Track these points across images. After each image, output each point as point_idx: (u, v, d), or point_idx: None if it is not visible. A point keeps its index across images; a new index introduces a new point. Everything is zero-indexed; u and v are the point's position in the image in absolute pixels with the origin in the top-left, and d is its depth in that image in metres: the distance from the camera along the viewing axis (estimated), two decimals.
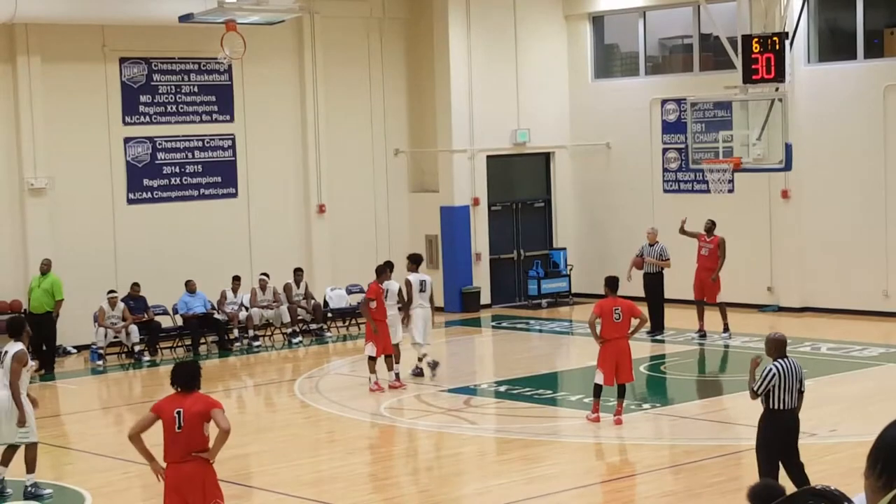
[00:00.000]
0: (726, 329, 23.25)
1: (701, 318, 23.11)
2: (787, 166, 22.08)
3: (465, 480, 15.51)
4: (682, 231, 23.85)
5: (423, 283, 20.54)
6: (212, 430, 10.55)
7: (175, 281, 24.84)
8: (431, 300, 20.68)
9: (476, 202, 28.61)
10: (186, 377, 10.65)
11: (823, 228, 25.74)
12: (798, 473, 12.18)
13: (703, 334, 23.29)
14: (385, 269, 20.42)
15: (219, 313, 24.58)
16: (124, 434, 18.78)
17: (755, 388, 12.19)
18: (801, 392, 12.31)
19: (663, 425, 17.89)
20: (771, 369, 12.17)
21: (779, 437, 12.20)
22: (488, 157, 28.72)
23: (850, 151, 25.29)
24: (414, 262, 20.87)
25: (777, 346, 12.39)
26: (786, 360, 12.31)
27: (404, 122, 28.93)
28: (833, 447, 13.27)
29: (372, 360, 19.95)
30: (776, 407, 12.18)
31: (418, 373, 20.63)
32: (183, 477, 10.51)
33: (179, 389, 10.63)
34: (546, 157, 29.86)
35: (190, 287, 24.35)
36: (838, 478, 11.83)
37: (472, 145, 28.39)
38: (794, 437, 12.31)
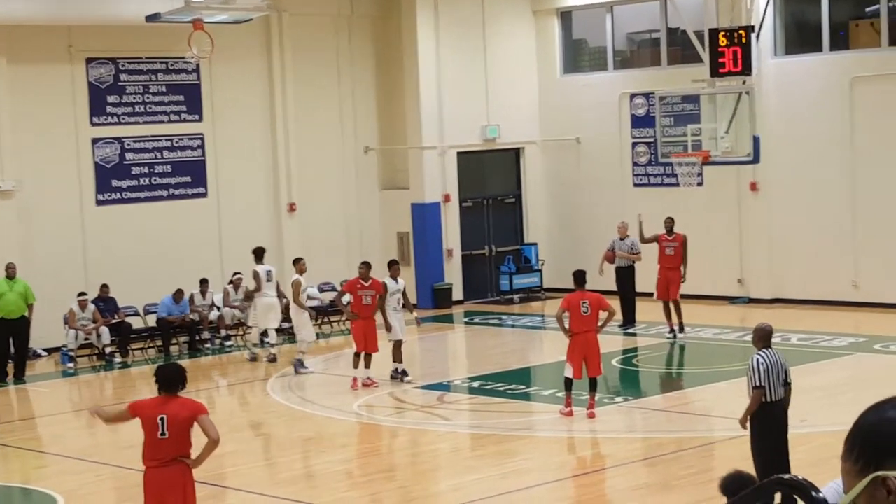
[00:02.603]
0: (682, 329, 23.05)
1: (668, 317, 23.08)
2: (756, 159, 22.20)
3: (439, 476, 15.53)
4: (643, 239, 23.71)
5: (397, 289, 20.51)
6: (196, 433, 10.47)
7: (145, 282, 24.76)
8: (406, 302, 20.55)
9: (447, 199, 28.61)
10: (170, 380, 10.54)
11: (792, 220, 25.86)
12: (785, 465, 12.21)
13: (674, 332, 23.16)
14: (365, 267, 20.42)
15: (191, 313, 24.49)
16: (97, 437, 18.76)
17: (757, 384, 12.16)
18: (787, 384, 12.35)
19: (636, 418, 17.96)
20: (758, 358, 12.21)
21: (773, 430, 12.24)
22: (458, 153, 28.73)
23: (818, 143, 25.42)
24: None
25: (763, 337, 12.44)
26: (770, 350, 12.36)
27: (374, 119, 28.90)
28: (804, 437, 13.34)
29: (356, 356, 19.96)
30: (767, 400, 12.21)
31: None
32: (164, 481, 10.45)
33: (163, 392, 10.54)
34: (516, 153, 29.90)
35: (177, 297, 24.16)
36: (809, 467, 11.89)
37: (442, 142, 28.40)
38: (784, 428, 12.35)
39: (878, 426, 2.54)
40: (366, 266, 20.47)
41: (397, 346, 20.14)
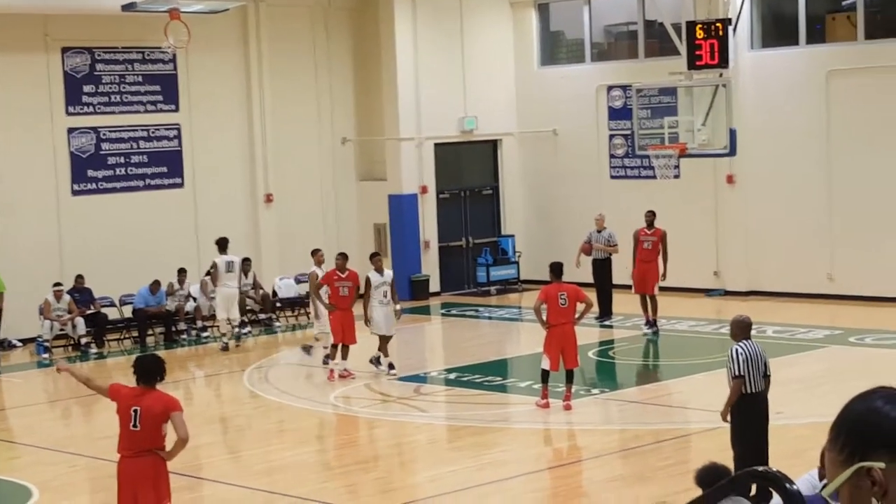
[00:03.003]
0: (654, 324, 22.97)
1: (645, 310, 23.08)
2: (732, 151, 22.22)
3: (416, 468, 15.54)
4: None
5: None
6: (171, 429, 10.46)
7: (121, 273, 24.67)
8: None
9: (424, 190, 28.59)
10: (147, 371, 10.54)
11: (768, 213, 25.93)
12: (763, 457, 12.25)
13: (649, 324, 23.14)
14: (342, 258, 20.38)
15: (169, 301, 24.42)
16: (72, 428, 18.71)
17: (736, 373, 12.21)
18: (766, 377, 12.39)
19: (612, 410, 17.99)
20: (737, 349, 12.25)
21: (753, 421, 12.28)
22: (436, 144, 28.71)
23: (794, 136, 25.49)
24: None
25: (742, 328, 12.48)
26: (750, 341, 12.40)
27: (351, 110, 28.85)
28: (780, 429, 13.39)
29: (333, 347, 19.92)
30: (747, 391, 12.24)
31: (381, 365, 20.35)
32: (135, 471, 10.46)
33: (141, 383, 10.54)
34: (493, 145, 29.89)
35: (154, 288, 24.10)
36: (785, 459, 11.93)
37: (419, 133, 28.37)
38: (765, 420, 12.39)
39: (865, 416, 2.53)
40: (342, 257, 20.43)
41: (384, 340, 20.03)
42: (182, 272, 24.70)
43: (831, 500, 2.61)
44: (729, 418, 12.45)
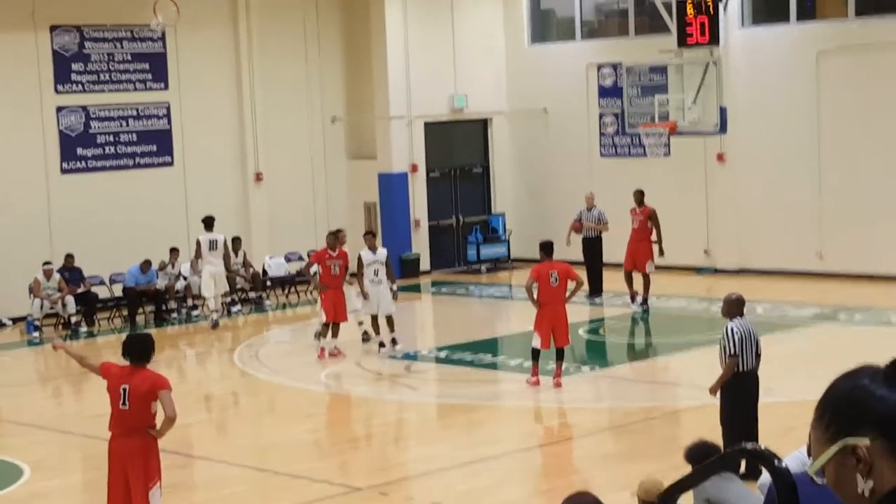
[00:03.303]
0: (644, 302, 23.02)
1: (630, 286, 23.05)
2: (723, 129, 22.26)
3: (406, 446, 15.57)
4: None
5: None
6: (160, 407, 10.50)
7: (111, 251, 24.63)
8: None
9: (414, 169, 28.57)
10: (136, 350, 10.56)
11: (758, 191, 25.95)
12: (753, 434, 12.30)
13: (634, 300, 23.10)
14: (333, 237, 20.37)
15: (161, 280, 24.39)
16: (63, 406, 18.72)
17: (732, 352, 12.24)
18: (758, 355, 12.43)
19: (603, 388, 18.04)
20: (732, 327, 12.28)
21: (744, 399, 12.32)
22: (426, 123, 28.67)
23: (785, 114, 25.50)
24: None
25: (735, 306, 12.50)
26: (743, 319, 12.43)
27: (341, 89, 28.79)
28: (768, 407, 13.43)
29: (324, 326, 19.91)
30: (740, 369, 12.28)
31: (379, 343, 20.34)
32: (126, 450, 10.49)
33: (130, 362, 10.56)
34: (483, 123, 29.85)
35: (144, 267, 24.07)
36: (774, 437, 11.97)
37: (409, 112, 28.32)
38: (755, 398, 12.44)
39: (851, 394, 2.54)
40: (333, 236, 20.43)
41: (388, 320, 19.94)
42: (174, 251, 24.67)
43: (817, 477, 2.63)
44: (719, 396, 12.50)
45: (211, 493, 13.38)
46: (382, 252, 20.15)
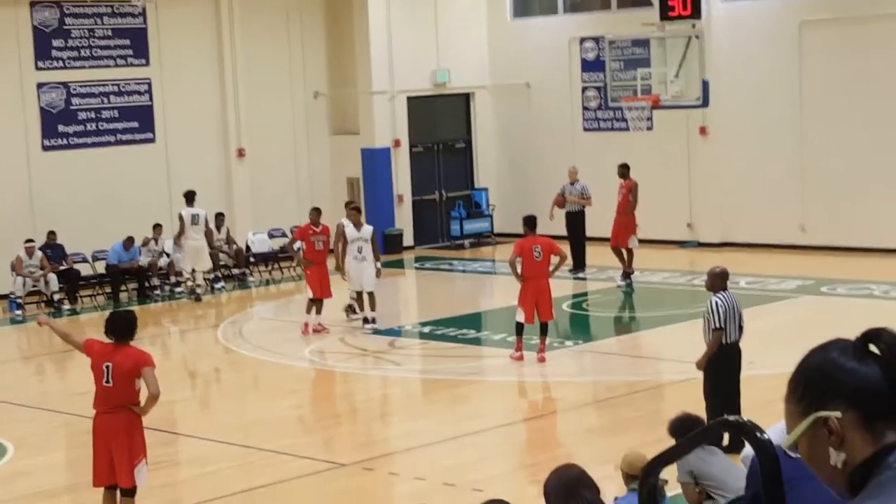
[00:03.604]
0: (627, 275, 22.89)
1: (621, 260, 23.08)
2: (705, 103, 22.23)
3: (391, 422, 15.59)
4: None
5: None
6: (144, 385, 10.52)
7: (93, 228, 24.55)
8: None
9: (397, 144, 28.52)
10: (118, 328, 10.55)
11: (741, 164, 25.98)
12: (735, 406, 12.36)
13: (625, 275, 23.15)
14: (316, 212, 20.36)
15: (144, 257, 24.33)
16: (46, 384, 18.69)
17: (717, 325, 12.28)
18: (741, 328, 12.48)
19: (586, 362, 18.08)
20: (716, 301, 12.31)
21: (727, 372, 12.37)
22: (409, 98, 28.60)
23: (767, 87, 25.50)
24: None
25: (719, 279, 12.54)
26: (727, 293, 12.46)
27: (323, 64, 28.70)
28: (751, 379, 13.48)
29: (311, 301, 19.89)
30: (723, 342, 12.32)
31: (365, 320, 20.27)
32: (110, 427, 10.50)
33: (113, 340, 10.55)
34: (466, 98, 29.81)
35: (127, 244, 24.02)
36: (757, 409, 12.00)
37: (392, 87, 28.25)
38: (738, 371, 12.49)
39: (822, 367, 2.57)
40: (316, 212, 20.42)
41: (369, 297, 19.85)
42: (157, 227, 24.61)
43: (791, 451, 2.65)
44: (704, 369, 12.55)
45: (195, 470, 13.39)
46: (368, 229, 19.98)
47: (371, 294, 19.87)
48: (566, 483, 6.58)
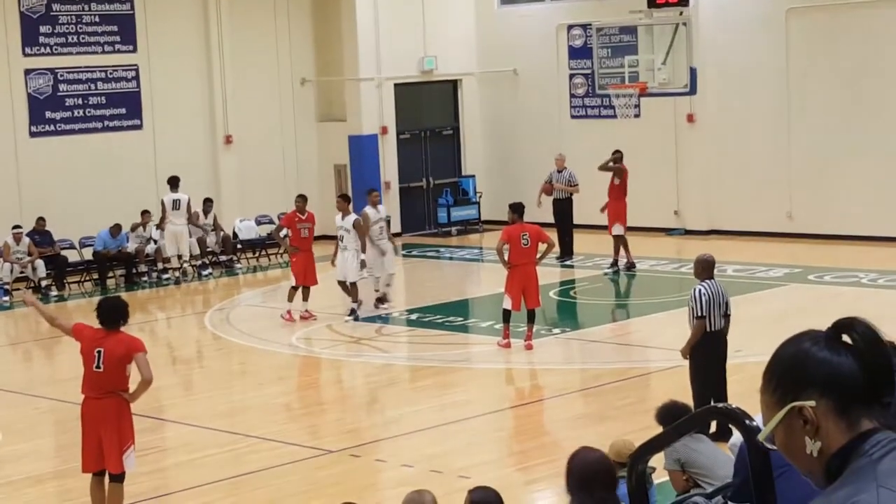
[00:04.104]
0: (614, 263, 22.98)
1: (618, 250, 23.08)
2: (692, 90, 22.25)
3: (377, 409, 15.60)
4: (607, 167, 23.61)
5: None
6: (134, 370, 10.51)
7: (81, 215, 24.50)
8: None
9: (384, 131, 28.50)
10: (110, 314, 10.54)
11: (728, 152, 26.01)
12: (721, 394, 12.40)
13: (629, 264, 23.06)
14: (302, 199, 20.36)
15: (131, 244, 24.29)
16: (33, 370, 18.66)
17: (699, 314, 12.32)
18: (727, 315, 12.51)
19: (573, 349, 18.10)
20: (700, 289, 12.34)
21: (711, 359, 12.40)
22: (396, 85, 28.57)
23: (754, 74, 25.53)
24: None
25: (705, 267, 12.57)
26: (713, 281, 12.49)
27: (310, 51, 28.65)
28: (739, 367, 13.51)
29: (293, 289, 19.86)
30: (707, 330, 12.35)
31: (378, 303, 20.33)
32: (99, 412, 10.49)
33: (104, 326, 10.54)
34: (454, 85, 29.79)
35: (114, 231, 23.98)
36: (745, 397, 12.04)
37: (379, 73, 28.21)
38: (723, 360, 12.53)
39: (794, 358, 2.61)
40: (302, 199, 20.42)
41: (351, 286, 19.75)
42: (146, 213, 24.55)
43: (767, 443, 2.68)
44: (688, 357, 12.58)
45: (182, 457, 13.38)
46: (350, 219, 19.85)
47: (353, 284, 19.75)
48: (584, 473, 6.60)
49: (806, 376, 2.57)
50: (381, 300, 20.34)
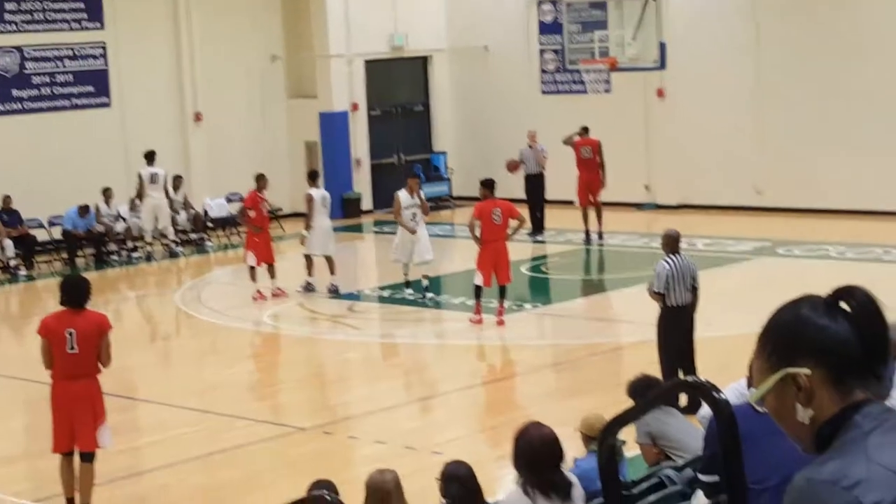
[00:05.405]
0: (601, 236, 23.26)
1: (586, 221, 23.24)
2: (662, 65, 22.32)
3: (350, 386, 15.61)
4: (567, 141, 23.80)
5: (324, 197, 20.15)
6: None
7: (49, 194, 24.34)
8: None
9: (355, 108, 28.42)
10: (76, 293, 10.46)
11: (698, 126, 26.05)
12: (690, 367, 12.46)
13: (589, 237, 23.28)
14: (263, 178, 20.26)
15: (98, 225, 24.17)
16: (3, 350, 18.53)
17: (656, 290, 12.39)
18: (694, 289, 12.55)
19: (545, 325, 18.14)
20: (664, 265, 12.39)
21: (677, 333, 12.45)
22: (366, 61, 28.49)
23: (723, 49, 25.55)
24: (314, 177, 20.49)
25: (668, 242, 12.62)
26: (678, 255, 12.53)
27: (280, 28, 28.51)
28: (708, 341, 13.57)
29: (252, 269, 19.80)
30: (672, 304, 12.41)
31: (310, 289, 20.08)
32: (72, 394, 10.43)
33: (68, 306, 10.45)
34: (424, 61, 29.72)
35: (83, 211, 23.84)
36: (714, 370, 12.09)
37: (349, 50, 28.12)
38: (690, 333, 12.58)
39: (792, 324, 2.59)
40: (263, 178, 20.32)
41: (328, 260, 19.74)
42: (107, 191, 24.37)
43: (758, 406, 2.67)
44: (655, 331, 12.66)
45: (155, 436, 13.36)
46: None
47: (329, 258, 19.84)
48: (529, 453, 6.64)
49: (803, 343, 2.55)
50: (408, 284, 19.52)
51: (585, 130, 23.72)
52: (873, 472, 2.42)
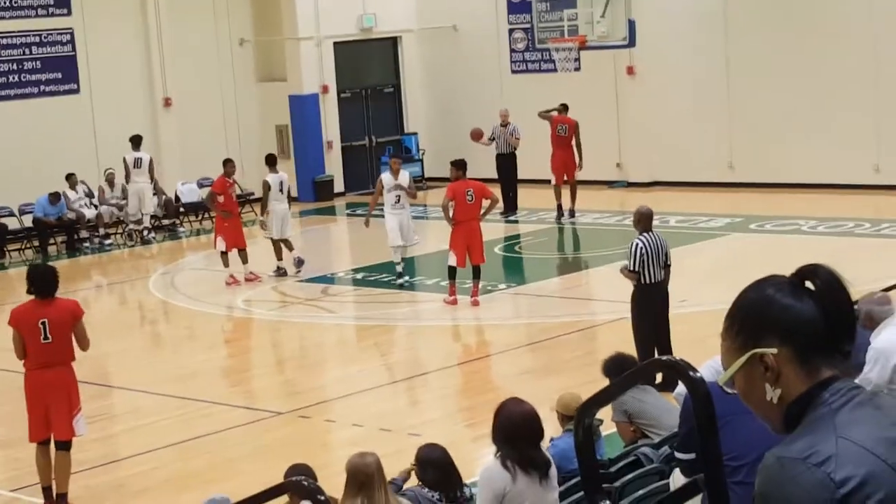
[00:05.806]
0: (572, 214, 23.35)
1: (559, 197, 23.34)
2: (631, 43, 22.32)
3: (325, 369, 15.61)
4: (544, 114, 23.84)
5: (281, 182, 20.09)
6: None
7: (19, 181, 24.20)
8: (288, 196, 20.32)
9: (325, 90, 28.33)
10: (45, 283, 10.40)
11: (669, 103, 26.07)
12: (665, 345, 12.51)
13: (562, 214, 23.39)
14: (231, 163, 20.20)
15: (69, 212, 24.06)
16: None
17: (630, 268, 12.42)
18: (667, 266, 12.59)
19: (520, 304, 18.16)
20: (637, 243, 12.42)
21: (651, 311, 12.49)
22: (335, 43, 28.39)
23: (693, 26, 25.56)
24: (271, 162, 20.40)
25: (640, 219, 12.65)
26: (651, 233, 12.56)
27: (248, 10, 28.38)
28: (683, 317, 13.62)
29: (224, 254, 19.73)
30: (646, 281, 12.44)
31: (282, 273, 20.03)
32: (47, 383, 10.40)
33: (38, 296, 10.39)
34: (393, 42, 29.65)
35: (53, 199, 23.69)
36: (689, 347, 12.14)
37: (318, 32, 28.02)
38: (664, 310, 12.62)
39: (757, 303, 2.60)
40: (230, 163, 20.24)
41: (286, 243, 19.76)
42: (70, 177, 24.14)
43: (727, 388, 2.68)
44: (630, 308, 12.70)
45: (131, 423, 13.33)
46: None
47: (287, 241, 19.89)
48: (509, 428, 6.65)
49: (768, 323, 2.57)
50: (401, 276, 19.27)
51: (565, 108, 23.73)
52: (842, 448, 2.43)
